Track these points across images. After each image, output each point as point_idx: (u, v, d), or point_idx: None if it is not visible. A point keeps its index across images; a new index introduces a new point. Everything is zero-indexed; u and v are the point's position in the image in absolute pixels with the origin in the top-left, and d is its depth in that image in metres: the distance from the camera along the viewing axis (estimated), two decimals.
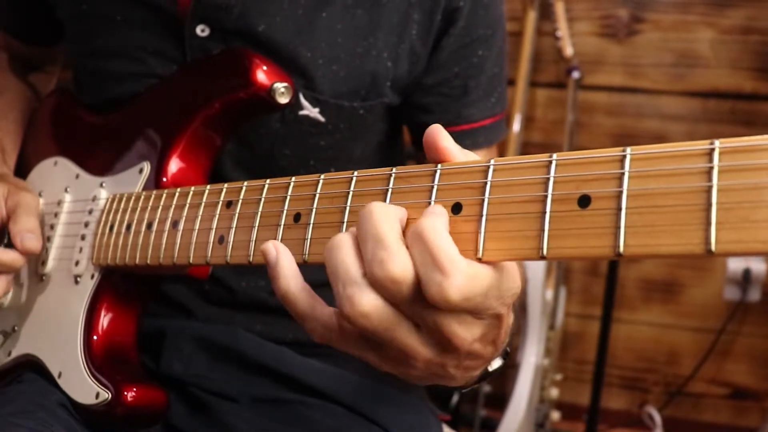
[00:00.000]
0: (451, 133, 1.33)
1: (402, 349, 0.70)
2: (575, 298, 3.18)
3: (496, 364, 0.91)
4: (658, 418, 3.08)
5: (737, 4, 2.93)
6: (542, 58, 3.10)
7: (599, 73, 3.08)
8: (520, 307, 1.09)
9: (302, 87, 1.21)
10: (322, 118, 1.24)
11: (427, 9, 1.24)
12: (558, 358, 3.07)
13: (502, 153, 2.73)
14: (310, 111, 1.22)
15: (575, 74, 2.96)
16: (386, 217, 0.67)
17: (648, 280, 3.12)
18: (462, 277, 0.63)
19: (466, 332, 0.69)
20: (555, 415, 2.92)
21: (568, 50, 2.98)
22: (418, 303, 0.66)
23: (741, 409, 3.08)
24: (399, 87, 1.28)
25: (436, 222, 0.66)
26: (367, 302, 0.66)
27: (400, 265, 0.64)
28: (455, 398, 2.58)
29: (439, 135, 0.73)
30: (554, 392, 2.90)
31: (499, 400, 2.88)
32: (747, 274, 2.95)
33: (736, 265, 2.97)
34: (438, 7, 1.24)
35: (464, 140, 1.33)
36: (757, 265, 2.94)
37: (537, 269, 2.72)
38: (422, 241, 0.65)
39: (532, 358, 2.73)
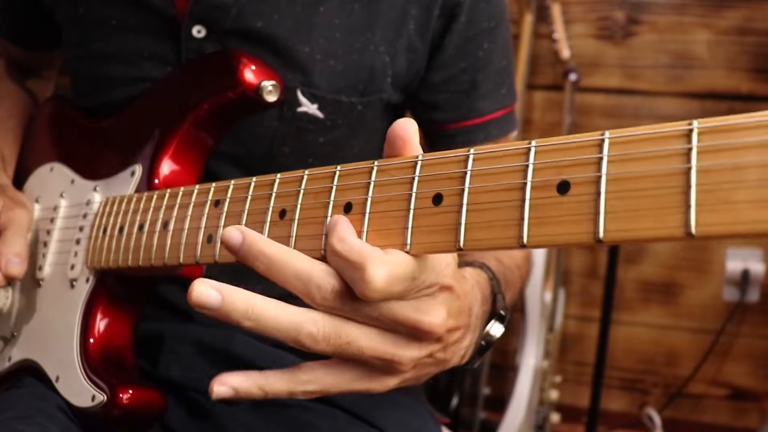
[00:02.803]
0: (464, 128, 1.34)
1: (380, 357, 0.73)
2: (574, 300, 3.18)
3: (497, 330, 0.93)
4: (657, 419, 3.08)
5: (733, 5, 2.94)
6: (539, 60, 3.11)
7: (596, 75, 3.08)
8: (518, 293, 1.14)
9: (300, 83, 1.21)
10: (320, 115, 1.24)
11: (424, 4, 1.24)
12: (557, 360, 3.07)
13: None
14: (309, 107, 1.22)
15: (572, 76, 2.97)
16: (287, 251, 0.73)
17: (647, 281, 3.12)
18: (378, 265, 0.67)
19: (430, 316, 0.73)
20: (555, 417, 2.92)
21: (565, 52, 2.98)
22: (362, 307, 0.71)
23: (740, 410, 3.07)
24: (399, 83, 1.28)
25: (339, 232, 0.70)
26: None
27: (327, 283, 0.70)
28: (455, 401, 2.58)
29: (407, 128, 0.75)
30: (554, 394, 2.90)
31: (499, 403, 2.88)
32: (746, 274, 2.95)
33: (734, 265, 2.97)
34: (435, 3, 1.24)
35: (477, 134, 1.34)
36: (755, 266, 2.94)
37: (536, 271, 2.72)
38: (334, 253, 0.69)
39: (531, 360, 2.73)
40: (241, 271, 1.30)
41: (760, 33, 2.94)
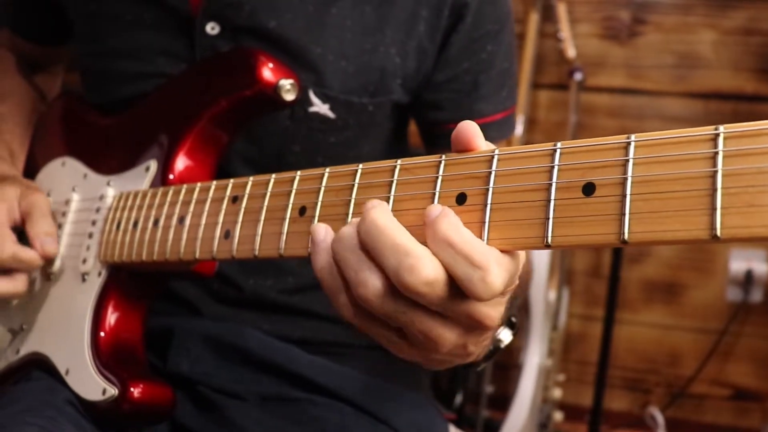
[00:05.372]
0: None
1: (429, 335, 0.70)
2: (578, 299, 3.18)
3: (506, 336, 0.92)
4: (660, 419, 3.08)
5: (738, 5, 2.94)
6: (544, 59, 3.11)
7: (601, 74, 3.08)
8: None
9: (312, 83, 1.22)
10: (332, 115, 1.24)
11: (434, 5, 1.25)
12: (561, 359, 3.08)
13: None
14: (320, 107, 1.23)
15: (577, 76, 2.97)
16: (396, 226, 0.67)
17: (650, 281, 3.12)
18: (498, 267, 0.64)
19: (495, 312, 0.69)
20: (558, 416, 2.92)
21: (571, 52, 2.98)
22: (455, 300, 0.66)
23: (743, 410, 3.08)
24: (408, 84, 1.29)
25: (453, 221, 0.66)
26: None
27: (430, 267, 0.64)
28: (459, 399, 2.59)
29: (473, 133, 0.72)
30: (557, 393, 2.90)
31: (502, 401, 2.88)
32: (749, 275, 2.95)
33: (738, 266, 2.98)
34: (445, 4, 1.25)
35: None
36: (759, 266, 2.95)
37: (540, 270, 2.72)
38: (450, 244, 0.64)
39: (535, 358, 2.73)
40: (251, 265, 1.31)
41: (765, 33, 2.94)
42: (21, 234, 1.20)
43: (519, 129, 2.91)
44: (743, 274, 2.97)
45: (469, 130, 0.72)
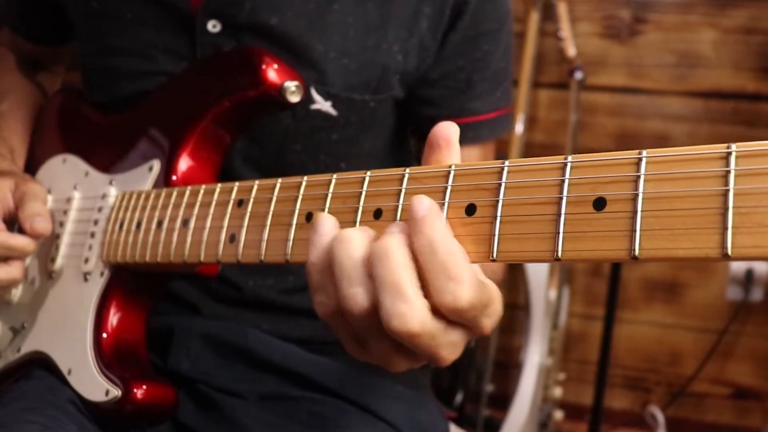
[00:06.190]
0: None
1: (386, 360, 0.73)
2: (578, 298, 3.18)
3: None
4: (661, 418, 3.09)
5: (739, 4, 2.94)
6: (545, 58, 3.11)
7: (602, 73, 3.08)
8: None
9: (314, 81, 1.22)
10: (334, 112, 1.24)
11: (437, 3, 1.25)
12: (561, 358, 3.08)
13: (504, 153, 2.74)
14: (322, 105, 1.22)
15: (578, 75, 2.97)
16: (405, 263, 0.66)
17: (651, 280, 3.12)
18: (470, 288, 0.64)
19: (452, 354, 0.70)
20: (558, 415, 2.92)
21: (571, 51, 2.98)
22: (425, 345, 0.67)
23: (743, 409, 3.08)
24: (407, 81, 1.28)
25: (441, 227, 0.66)
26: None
27: (418, 322, 0.65)
28: (459, 398, 2.59)
29: (450, 132, 0.74)
30: (557, 392, 2.90)
31: (503, 400, 2.89)
32: (749, 274, 2.95)
33: (738, 265, 2.97)
34: (447, 2, 1.24)
35: (467, 132, 1.32)
36: (759, 266, 2.95)
37: (541, 269, 2.72)
38: (434, 252, 0.65)
39: (535, 357, 2.74)
40: (251, 266, 1.31)
41: (765, 32, 2.93)
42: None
43: (519, 128, 2.91)
44: (744, 274, 2.97)
45: (445, 131, 0.74)
